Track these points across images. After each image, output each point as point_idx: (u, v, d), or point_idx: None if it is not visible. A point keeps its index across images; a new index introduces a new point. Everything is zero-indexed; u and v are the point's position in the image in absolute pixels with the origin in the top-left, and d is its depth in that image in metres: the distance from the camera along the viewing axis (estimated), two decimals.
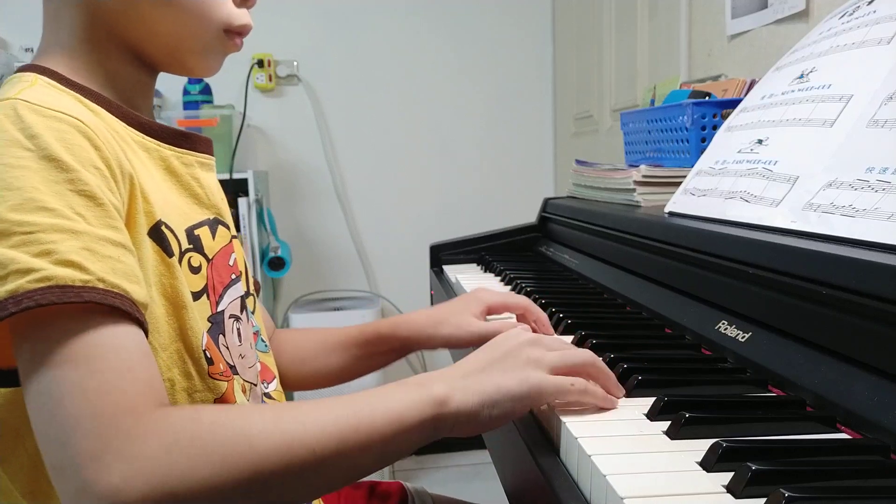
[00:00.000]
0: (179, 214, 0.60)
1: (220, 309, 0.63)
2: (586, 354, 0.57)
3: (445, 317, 0.79)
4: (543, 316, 0.80)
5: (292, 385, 0.84)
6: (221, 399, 0.58)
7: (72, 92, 0.56)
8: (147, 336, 0.50)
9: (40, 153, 0.47)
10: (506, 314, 0.82)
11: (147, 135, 0.60)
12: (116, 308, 0.46)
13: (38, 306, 0.43)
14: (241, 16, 0.62)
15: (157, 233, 0.55)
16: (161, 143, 0.61)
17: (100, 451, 0.42)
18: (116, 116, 0.58)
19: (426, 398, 0.50)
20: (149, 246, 0.54)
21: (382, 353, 0.83)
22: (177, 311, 0.56)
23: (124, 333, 0.47)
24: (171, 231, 0.58)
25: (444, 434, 0.52)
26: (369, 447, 0.48)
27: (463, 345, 0.78)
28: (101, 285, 0.45)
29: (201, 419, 0.45)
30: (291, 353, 0.84)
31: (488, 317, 0.81)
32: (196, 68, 0.63)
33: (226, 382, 0.59)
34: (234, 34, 0.62)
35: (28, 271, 0.44)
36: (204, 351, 0.57)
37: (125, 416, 0.43)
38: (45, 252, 0.44)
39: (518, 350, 0.55)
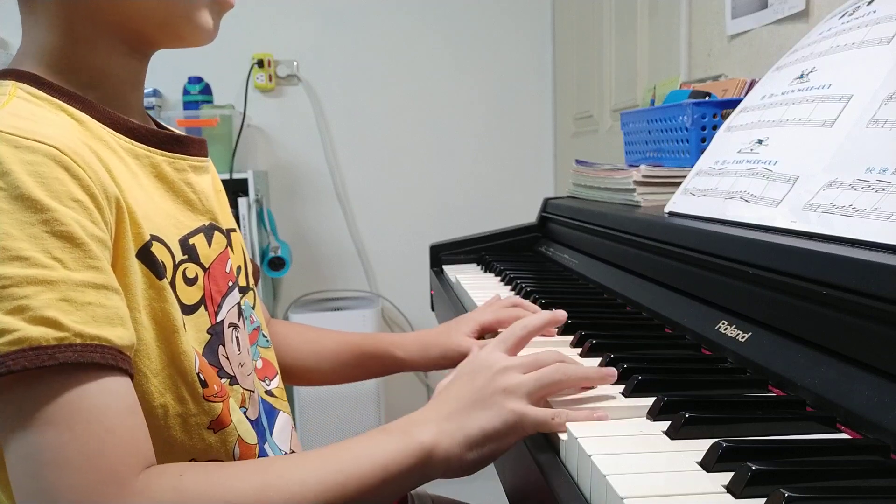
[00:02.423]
0: (172, 224, 0.58)
1: (219, 319, 0.61)
2: (557, 372, 0.56)
3: (434, 340, 0.81)
4: (540, 321, 0.79)
5: (283, 378, 0.84)
6: (217, 421, 0.57)
7: (54, 99, 0.53)
8: (133, 379, 0.48)
9: (13, 192, 0.44)
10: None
11: (137, 140, 0.57)
12: (96, 362, 0.44)
13: (10, 372, 0.41)
14: None
15: (147, 255, 0.53)
16: (152, 149, 0.58)
17: None
18: (103, 123, 0.55)
19: (414, 448, 0.50)
20: (137, 269, 0.52)
21: (375, 369, 0.85)
22: (167, 335, 0.53)
23: (106, 390, 0.45)
24: (164, 244, 0.55)
25: (436, 478, 0.52)
26: (356, 500, 0.48)
27: (455, 365, 0.79)
28: (78, 340, 0.43)
29: (185, 489, 0.45)
30: (285, 349, 0.84)
31: (487, 335, 0.82)
32: (192, 36, 0.59)
33: (220, 403, 0.57)
34: None
35: (2, 332, 0.42)
36: (198, 374, 0.55)
37: (108, 484, 0.43)
38: (18, 309, 0.42)
39: (493, 381, 0.54)
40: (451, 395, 0.55)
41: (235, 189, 2.00)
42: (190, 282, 0.58)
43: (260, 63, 2.27)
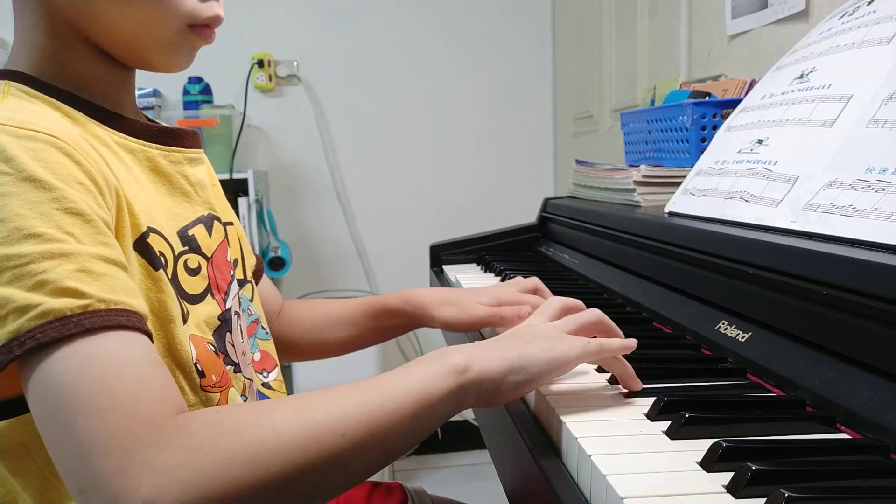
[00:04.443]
0: (170, 217, 0.58)
1: (227, 306, 0.62)
2: (598, 345, 0.57)
3: (453, 299, 0.79)
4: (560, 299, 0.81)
5: (302, 354, 0.85)
6: None
7: (47, 97, 0.54)
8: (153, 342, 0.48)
9: (19, 175, 0.45)
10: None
11: (131, 135, 0.58)
12: (122, 325, 0.44)
13: (41, 345, 0.42)
14: (207, 8, 0.57)
15: (143, 245, 0.54)
16: (146, 143, 0.59)
17: (124, 466, 0.40)
18: (97, 120, 0.56)
19: (446, 368, 0.49)
20: (135, 260, 0.53)
21: (389, 326, 0.84)
22: (164, 325, 0.54)
23: (132, 345, 0.45)
24: (162, 237, 0.56)
25: (469, 404, 0.51)
26: (398, 424, 0.46)
27: (464, 328, 0.78)
28: (102, 306, 0.44)
29: (222, 421, 0.44)
30: (299, 324, 0.85)
31: None
32: (161, 66, 0.59)
33: (218, 393, 0.58)
34: (201, 28, 0.58)
35: (26, 308, 0.42)
36: (195, 364, 0.56)
37: (145, 427, 0.42)
38: (39, 284, 0.43)
39: (539, 332, 0.56)
40: (493, 339, 0.56)
41: (235, 189, 2.00)
42: (193, 272, 0.59)
43: (260, 63, 2.27)
